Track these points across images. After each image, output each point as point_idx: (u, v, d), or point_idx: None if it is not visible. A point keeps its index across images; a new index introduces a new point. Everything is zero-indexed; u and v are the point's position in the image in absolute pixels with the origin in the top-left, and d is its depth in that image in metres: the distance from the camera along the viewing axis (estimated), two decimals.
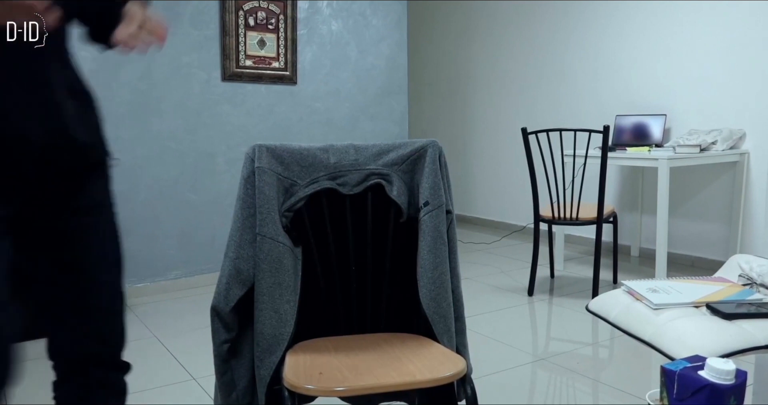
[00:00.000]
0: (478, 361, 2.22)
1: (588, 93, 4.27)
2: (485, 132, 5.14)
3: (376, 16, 3.89)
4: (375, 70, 3.92)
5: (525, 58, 4.72)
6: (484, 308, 2.96)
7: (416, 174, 1.40)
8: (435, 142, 1.40)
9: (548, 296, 3.18)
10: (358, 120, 3.88)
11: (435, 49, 5.61)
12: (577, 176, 3.16)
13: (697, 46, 3.62)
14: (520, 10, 4.71)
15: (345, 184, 1.39)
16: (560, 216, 3.11)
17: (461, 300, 1.43)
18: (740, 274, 1.50)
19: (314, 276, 1.42)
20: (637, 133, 3.81)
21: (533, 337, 2.66)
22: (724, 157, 3.38)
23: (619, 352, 2.48)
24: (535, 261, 3.18)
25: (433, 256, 1.35)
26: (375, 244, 1.44)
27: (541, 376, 2.22)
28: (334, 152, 1.39)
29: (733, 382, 0.86)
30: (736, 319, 1.26)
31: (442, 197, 1.37)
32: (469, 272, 3.61)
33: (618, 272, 3.47)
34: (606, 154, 2.93)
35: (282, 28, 3.50)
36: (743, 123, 3.45)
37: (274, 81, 3.53)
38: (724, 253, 3.56)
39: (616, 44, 4.06)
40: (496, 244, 4.48)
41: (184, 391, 2.06)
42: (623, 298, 1.44)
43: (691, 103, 3.68)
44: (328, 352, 1.32)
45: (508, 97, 4.90)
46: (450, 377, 1.19)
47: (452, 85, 5.44)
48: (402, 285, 1.45)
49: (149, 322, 2.76)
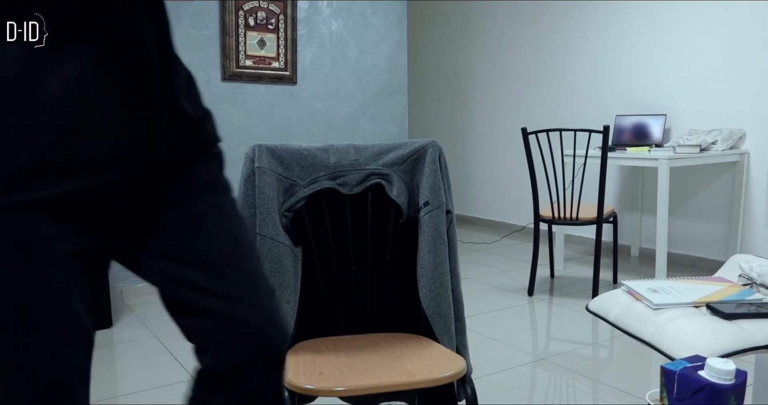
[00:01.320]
0: (478, 361, 2.22)
1: (588, 93, 4.27)
2: (485, 132, 5.14)
3: (376, 16, 3.89)
4: (375, 70, 3.92)
5: (525, 58, 4.72)
6: (484, 308, 2.96)
7: (416, 174, 1.40)
8: (435, 142, 1.40)
9: (548, 296, 3.18)
10: (358, 120, 3.88)
11: (435, 49, 5.61)
12: (577, 176, 3.16)
13: (697, 46, 3.62)
14: (520, 10, 4.71)
15: (345, 184, 1.39)
16: (560, 216, 3.10)
17: (461, 300, 1.43)
18: (740, 274, 1.50)
19: (314, 276, 1.42)
20: (637, 133, 3.81)
21: (533, 337, 2.66)
22: (724, 157, 3.38)
23: (619, 352, 2.48)
24: (535, 261, 3.18)
25: (433, 256, 1.35)
26: (375, 244, 1.44)
27: (541, 376, 2.22)
28: (334, 152, 1.39)
29: (733, 382, 0.86)
30: (736, 319, 1.26)
31: (442, 197, 1.37)
32: (469, 272, 3.61)
33: (618, 272, 3.47)
34: (606, 154, 2.93)
35: (282, 28, 3.50)
36: (743, 123, 3.45)
37: (274, 81, 3.53)
38: (724, 253, 3.56)
39: (616, 44, 4.06)
40: (496, 244, 4.48)
41: (184, 391, 2.06)
42: (623, 298, 1.44)
43: (691, 103, 3.68)
44: (328, 352, 1.32)
45: (508, 97, 4.90)
46: (450, 377, 1.19)
47: (452, 85, 5.44)
48: (402, 285, 1.45)
49: (149, 322, 2.76)
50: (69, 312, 0.79)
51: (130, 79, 0.80)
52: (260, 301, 0.91)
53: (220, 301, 0.88)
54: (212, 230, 0.91)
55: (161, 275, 0.90)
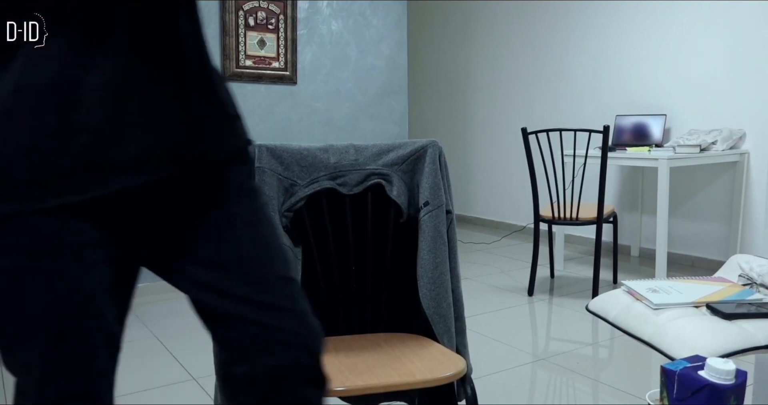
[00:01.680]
0: (478, 361, 2.22)
1: (588, 93, 4.27)
2: (485, 132, 5.14)
3: (376, 16, 3.89)
4: (375, 70, 3.92)
5: (525, 58, 4.72)
6: (484, 308, 2.96)
7: (416, 174, 1.40)
8: (435, 142, 1.40)
9: (548, 296, 3.18)
10: (358, 120, 3.88)
11: (435, 49, 5.61)
12: (577, 176, 3.16)
13: (697, 46, 3.62)
14: (520, 10, 4.71)
15: (345, 184, 1.39)
16: (560, 216, 3.10)
17: (461, 300, 1.43)
18: (740, 274, 1.50)
19: (314, 276, 1.42)
20: (637, 133, 3.81)
21: (533, 337, 2.66)
22: (724, 157, 3.38)
23: (619, 352, 2.48)
24: (535, 261, 3.18)
25: (433, 256, 1.35)
26: (375, 244, 1.44)
27: (541, 376, 2.22)
28: (334, 152, 1.39)
29: (733, 382, 0.86)
30: (736, 319, 1.26)
31: (442, 197, 1.37)
32: (469, 272, 3.61)
33: (618, 272, 3.47)
34: (606, 154, 2.93)
35: (282, 28, 3.50)
36: (743, 123, 3.45)
37: (274, 81, 3.53)
38: (724, 253, 3.56)
39: (616, 44, 4.06)
40: (496, 244, 4.48)
41: (184, 391, 2.06)
42: (623, 298, 1.44)
43: (691, 103, 3.68)
44: (328, 352, 1.32)
45: (508, 97, 4.90)
46: (450, 377, 1.19)
47: (452, 85, 5.44)
48: (402, 285, 1.45)
49: (149, 322, 2.76)
50: (100, 320, 0.79)
51: (166, 78, 0.79)
52: (296, 306, 0.89)
53: (255, 308, 0.86)
54: (246, 235, 0.89)
55: (194, 282, 0.87)
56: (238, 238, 0.88)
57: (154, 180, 0.79)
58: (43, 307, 0.74)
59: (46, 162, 0.72)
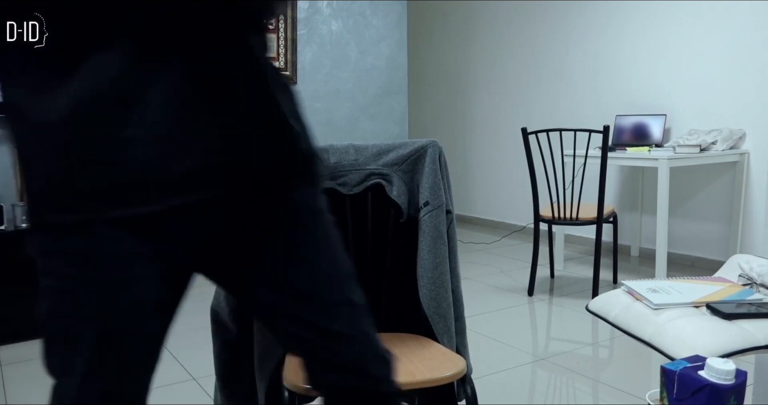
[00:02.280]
0: (478, 361, 2.22)
1: (588, 93, 4.27)
2: (485, 132, 5.14)
3: (376, 16, 3.89)
4: (375, 70, 3.93)
5: (525, 58, 4.72)
6: (484, 308, 2.96)
7: (416, 174, 1.40)
8: (435, 142, 1.40)
9: (548, 296, 3.18)
10: (358, 120, 3.88)
11: (435, 49, 5.61)
12: (577, 176, 3.16)
13: (697, 46, 3.62)
14: (520, 10, 4.71)
15: (345, 184, 1.39)
16: (560, 216, 3.11)
17: (461, 300, 1.43)
18: (740, 274, 1.50)
19: None
20: (637, 133, 3.81)
21: (533, 337, 2.66)
22: (724, 157, 3.38)
23: (619, 352, 2.48)
24: (535, 261, 3.18)
25: (433, 256, 1.35)
26: (375, 245, 1.44)
27: (541, 376, 2.22)
28: (334, 152, 1.39)
29: (733, 382, 0.86)
30: (736, 319, 1.26)
31: (442, 197, 1.37)
32: (469, 272, 3.61)
33: (618, 272, 3.47)
34: (606, 154, 2.93)
35: (282, 28, 3.50)
36: (743, 123, 3.45)
37: None
38: (724, 253, 3.56)
39: (616, 44, 4.06)
40: (496, 244, 4.48)
41: (184, 391, 2.06)
42: (623, 298, 1.44)
43: (691, 103, 3.68)
44: None
45: (508, 97, 4.90)
46: (450, 377, 1.19)
47: (452, 85, 5.44)
48: (402, 285, 1.45)
49: None
50: (147, 329, 0.81)
51: (229, 90, 0.78)
52: (361, 332, 0.90)
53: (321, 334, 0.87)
54: (315, 256, 0.88)
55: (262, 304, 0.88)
56: (306, 259, 0.87)
57: (216, 195, 0.78)
58: (96, 313, 0.75)
59: (107, 174, 0.72)
